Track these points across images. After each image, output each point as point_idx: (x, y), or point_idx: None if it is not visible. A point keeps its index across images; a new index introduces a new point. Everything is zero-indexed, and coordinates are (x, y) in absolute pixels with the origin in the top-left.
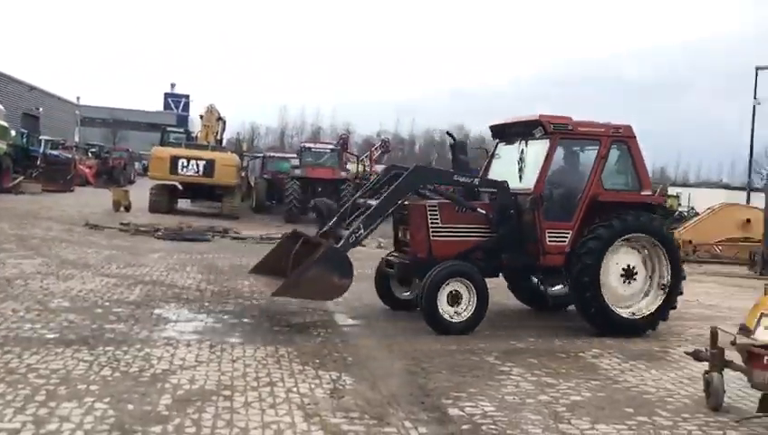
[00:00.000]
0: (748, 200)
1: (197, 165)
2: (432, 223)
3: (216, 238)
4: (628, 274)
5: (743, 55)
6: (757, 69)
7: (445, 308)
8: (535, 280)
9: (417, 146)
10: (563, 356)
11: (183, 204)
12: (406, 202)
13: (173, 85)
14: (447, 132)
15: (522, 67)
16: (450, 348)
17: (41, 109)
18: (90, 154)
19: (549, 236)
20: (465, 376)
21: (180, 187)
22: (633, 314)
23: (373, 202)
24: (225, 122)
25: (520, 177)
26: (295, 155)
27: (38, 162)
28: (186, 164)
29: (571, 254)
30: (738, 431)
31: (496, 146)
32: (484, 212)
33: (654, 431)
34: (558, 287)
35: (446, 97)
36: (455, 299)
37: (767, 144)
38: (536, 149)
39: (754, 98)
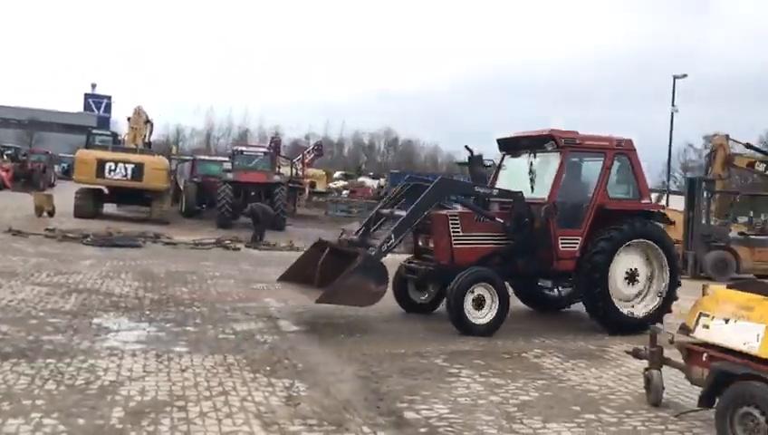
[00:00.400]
0: (667, 203)
1: (125, 168)
2: (453, 231)
3: (148, 244)
4: (631, 276)
5: (649, 65)
6: (675, 78)
7: (470, 311)
8: (539, 283)
9: (347, 149)
10: (507, 357)
11: (109, 208)
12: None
13: (94, 86)
14: (466, 146)
15: (442, 71)
16: (398, 351)
17: None
18: (5, 156)
19: (561, 243)
20: (416, 379)
21: (107, 191)
22: (631, 313)
23: (400, 212)
24: (152, 125)
25: (531, 187)
26: (227, 158)
27: None
28: (113, 167)
29: (580, 259)
30: (678, 425)
31: (503, 158)
32: (501, 221)
33: (602, 428)
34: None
35: (372, 99)
36: (479, 303)
37: (680, 149)
38: (547, 162)
39: (672, 105)
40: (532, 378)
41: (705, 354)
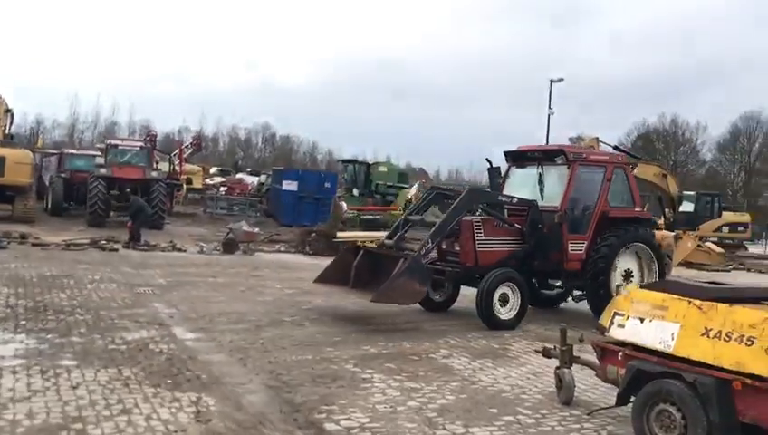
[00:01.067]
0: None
1: None
2: (477, 236)
3: (14, 245)
4: (627, 275)
5: (525, 67)
6: (551, 81)
7: (498, 308)
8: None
9: (222, 143)
10: (416, 359)
11: None
12: None
13: None
14: (486, 159)
15: (324, 67)
16: (306, 358)
17: None
18: None
19: (571, 246)
20: (330, 387)
21: None
22: None
23: (434, 219)
24: (13, 115)
25: (541, 196)
26: (98, 152)
27: None
28: None
29: (586, 260)
30: (592, 423)
31: (509, 169)
32: (518, 226)
33: (522, 430)
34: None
35: (251, 94)
36: (504, 301)
37: None
38: (557, 173)
39: (549, 107)
40: (444, 380)
41: (620, 353)
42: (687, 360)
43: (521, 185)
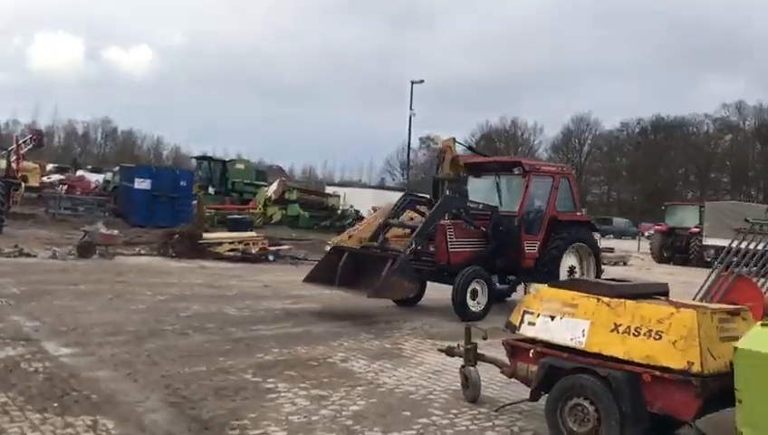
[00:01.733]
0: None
1: None
2: (449, 238)
3: None
4: (571, 271)
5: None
6: (412, 82)
7: (469, 302)
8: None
9: (58, 138)
10: (315, 364)
11: None
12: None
13: None
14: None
15: (168, 59)
16: (200, 369)
17: None
18: None
19: (527, 246)
20: (234, 400)
21: None
22: None
23: (412, 223)
24: None
25: (500, 202)
26: None
27: None
28: None
29: (539, 258)
30: (502, 420)
31: (467, 178)
32: (483, 229)
33: (440, 432)
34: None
35: (88, 84)
36: (474, 294)
37: (399, 148)
38: (514, 182)
39: (410, 108)
40: (350, 385)
41: (531, 351)
42: (599, 355)
43: (479, 192)
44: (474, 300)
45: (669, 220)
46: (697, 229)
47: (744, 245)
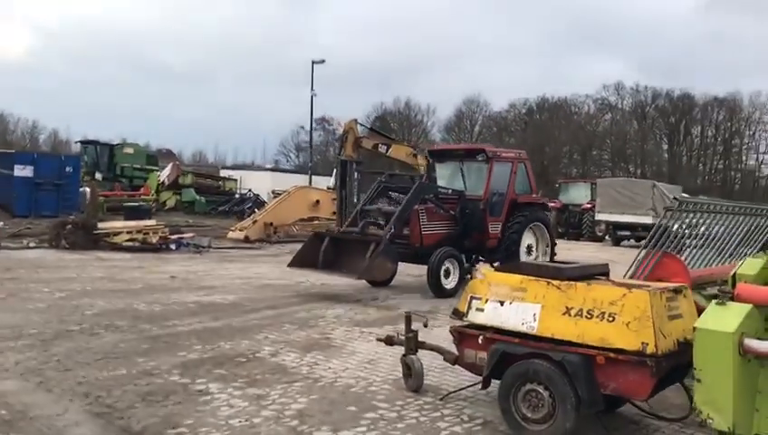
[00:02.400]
0: (310, 182)
1: None
2: (422, 221)
3: None
4: (529, 249)
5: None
6: (313, 63)
7: (443, 280)
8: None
9: None
10: (244, 360)
11: None
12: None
13: None
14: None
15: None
16: (120, 373)
17: None
18: None
19: (491, 227)
20: (166, 405)
21: None
22: None
23: (389, 208)
24: None
25: (465, 187)
26: None
27: None
28: None
29: (501, 238)
30: (449, 408)
31: (433, 165)
32: (452, 212)
33: (390, 426)
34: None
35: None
36: (447, 273)
37: (293, 130)
38: (478, 168)
39: (312, 89)
40: (286, 381)
41: (480, 337)
42: (552, 339)
43: (445, 177)
44: (447, 278)
45: (563, 197)
46: (590, 205)
47: (676, 224)
